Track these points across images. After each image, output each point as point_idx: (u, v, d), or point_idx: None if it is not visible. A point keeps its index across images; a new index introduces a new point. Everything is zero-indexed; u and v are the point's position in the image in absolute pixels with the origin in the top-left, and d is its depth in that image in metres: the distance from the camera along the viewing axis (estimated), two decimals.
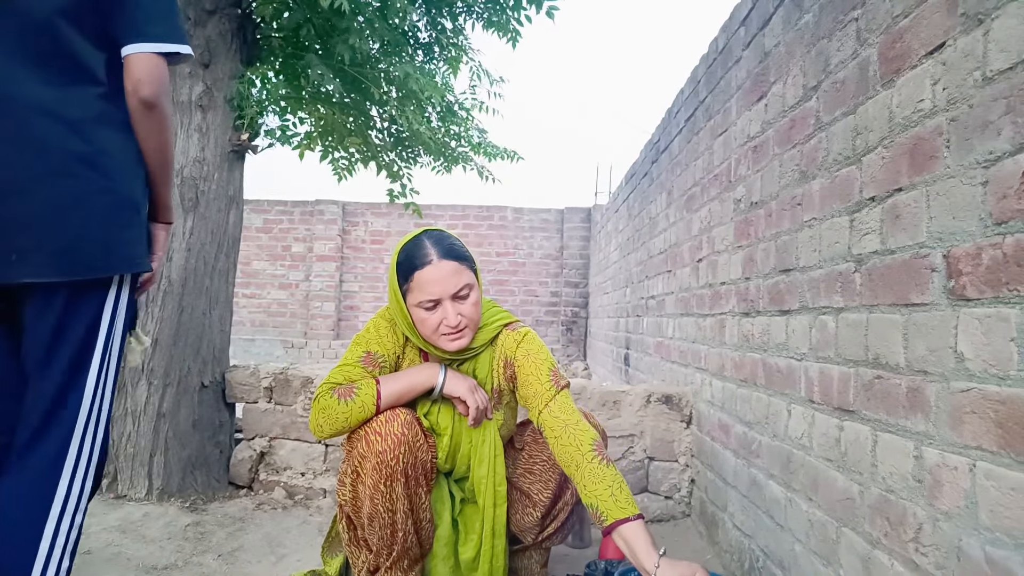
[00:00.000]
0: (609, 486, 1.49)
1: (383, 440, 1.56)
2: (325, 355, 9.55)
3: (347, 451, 1.66)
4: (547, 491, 1.78)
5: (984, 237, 0.98)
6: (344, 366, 1.70)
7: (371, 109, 3.40)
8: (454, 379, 1.68)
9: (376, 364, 1.71)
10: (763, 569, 1.82)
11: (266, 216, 9.97)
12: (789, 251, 1.74)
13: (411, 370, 1.71)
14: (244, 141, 2.89)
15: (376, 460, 1.55)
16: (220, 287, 2.85)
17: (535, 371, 1.70)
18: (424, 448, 1.63)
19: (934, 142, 1.12)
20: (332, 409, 1.61)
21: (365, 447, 1.57)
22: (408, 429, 1.58)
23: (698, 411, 2.60)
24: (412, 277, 1.63)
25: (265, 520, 2.52)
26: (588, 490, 1.51)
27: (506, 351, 1.77)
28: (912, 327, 1.16)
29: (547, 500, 1.78)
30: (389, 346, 1.75)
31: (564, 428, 1.60)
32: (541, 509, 1.79)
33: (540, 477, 1.80)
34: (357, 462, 1.59)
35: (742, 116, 2.19)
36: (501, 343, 1.78)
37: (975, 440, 0.99)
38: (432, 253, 1.63)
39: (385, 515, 1.58)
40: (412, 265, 1.64)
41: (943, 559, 1.05)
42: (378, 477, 1.55)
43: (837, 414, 1.43)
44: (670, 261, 3.31)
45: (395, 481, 1.56)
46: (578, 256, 9.51)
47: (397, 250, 1.70)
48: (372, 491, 1.56)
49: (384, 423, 1.58)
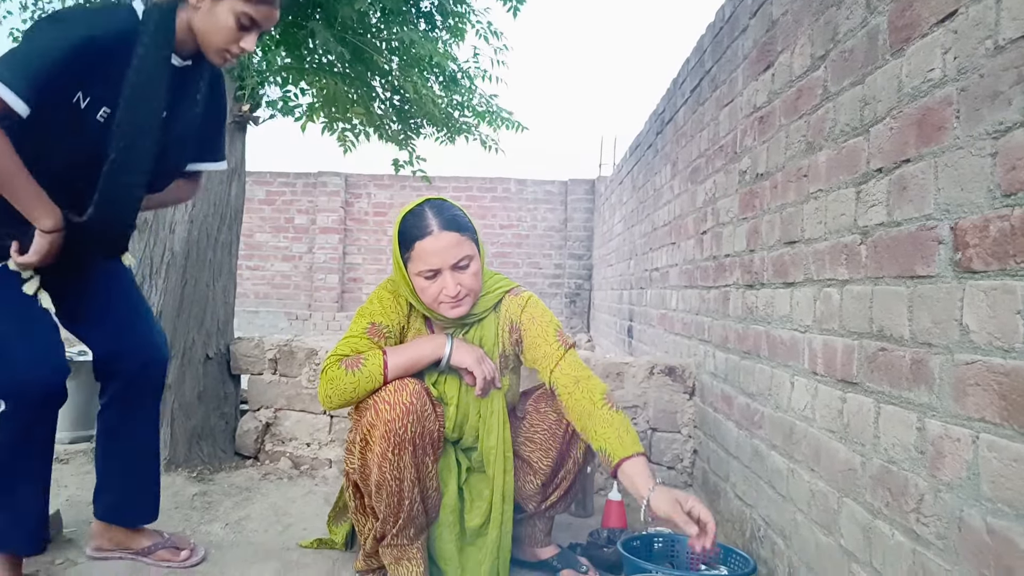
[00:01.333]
0: (616, 429, 1.57)
1: (392, 409, 1.57)
2: (329, 327, 9.59)
3: (356, 420, 1.67)
4: (547, 459, 1.80)
5: (992, 209, 0.98)
6: (350, 338, 1.71)
7: (373, 79, 3.36)
8: (461, 350, 1.69)
9: (381, 335, 1.72)
10: (764, 538, 1.85)
11: (269, 188, 9.95)
12: (794, 223, 1.73)
13: (418, 341, 1.72)
14: (245, 112, 2.87)
15: (385, 429, 1.57)
16: (223, 259, 2.85)
17: (542, 333, 1.75)
18: (432, 418, 1.65)
19: (943, 112, 1.10)
20: (340, 380, 1.62)
21: (374, 416, 1.59)
22: (417, 399, 1.60)
23: (701, 383, 2.61)
24: (413, 247, 1.65)
25: (271, 490, 2.56)
26: (598, 435, 1.58)
27: (511, 316, 1.80)
28: (917, 299, 1.16)
29: (547, 468, 1.80)
30: (393, 316, 1.76)
31: (576, 383, 1.66)
32: (542, 477, 1.81)
33: (541, 446, 1.82)
34: (366, 430, 1.61)
35: (748, 86, 2.16)
36: (505, 308, 1.81)
37: (978, 412, 0.99)
38: (433, 224, 1.65)
39: (392, 483, 1.60)
40: (413, 235, 1.66)
41: (944, 529, 1.06)
42: (386, 445, 1.57)
43: (840, 386, 1.43)
44: (674, 233, 3.30)
45: (403, 450, 1.58)
46: (582, 228, 9.48)
47: (399, 218, 1.71)
48: (380, 459, 1.58)
49: (393, 392, 1.59)
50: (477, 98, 3.79)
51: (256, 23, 1.57)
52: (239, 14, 1.54)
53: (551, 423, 1.81)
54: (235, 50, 1.59)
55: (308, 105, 3.40)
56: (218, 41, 1.57)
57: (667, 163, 3.62)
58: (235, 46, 1.58)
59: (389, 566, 1.70)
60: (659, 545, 1.89)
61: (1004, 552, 0.92)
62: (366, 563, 1.78)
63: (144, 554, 1.85)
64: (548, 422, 1.81)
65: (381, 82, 3.40)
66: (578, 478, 1.86)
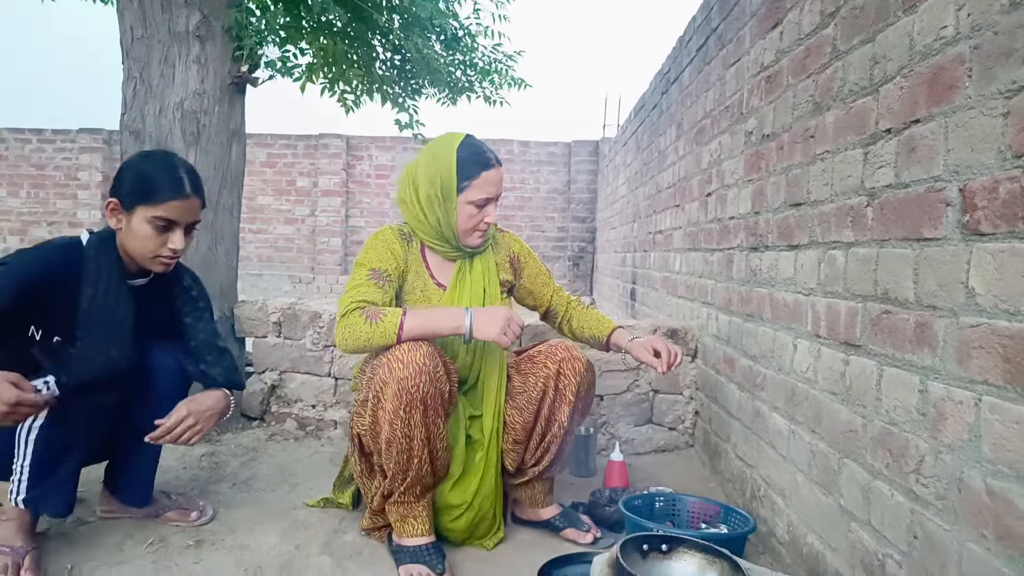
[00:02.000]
0: (595, 317, 2.10)
1: (405, 367, 1.60)
2: (333, 290, 9.60)
3: (368, 377, 1.69)
4: (521, 417, 1.85)
5: (1002, 170, 0.96)
6: (356, 287, 1.75)
7: (373, 38, 3.31)
8: (482, 322, 1.66)
9: (383, 279, 1.77)
10: (764, 497, 1.87)
11: (269, 150, 9.87)
12: (800, 185, 1.71)
13: (437, 310, 1.74)
14: (244, 73, 2.83)
15: (397, 387, 1.59)
16: (225, 222, 2.84)
17: (538, 267, 2.10)
18: (444, 379, 1.67)
19: (955, 71, 1.08)
20: (357, 327, 1.66)
21: (387, 373, 1.61)
22: (430, 360, 1.62)
23: (703, 345, 2.62)
24: (479, 175, 1.78)
25: (277, 451, 2.59)
26: (584, 327, 2.09)
27: (511, 248, 2.04)
28: (923, 262, 1.15)
29: (522, 426, 1.85)
30: (390, 262, 1.82)
31: (568, 301, 2.15)
32: (513, 434, 1.86)
33: (516, 405, 1.87)
34: (379, 387, 1.63)
35: (756, 45, 2.12)
36: (501, 242, 2.03)
37: (982, 375, 0.99)
38: (492, 157, 1.84)
39: (403, 440, 1.62)
40: (479, 163, 1.80)
41: (943, 489, 1.07)
42: (398, 403, 1.59)
43: (843, 348, 1.44)
44: (678, 195, 3.28)
45: (414, 408, 1.60)
46: (585, 190, 9.42)
47: (451, 146, 1.80)
48: (392, 416, 1.61)
49: (407, 351, 1.62)
50: (480, 53, 3.73)
51: (173, 221, 1.64)
52: (152, 219, 1.62)
53: (529, 385, 1.85)
54: (166, 253, 1.67)
55: (307, 65, 3.35)
56: (146, 251, 1.65)
57: (672, 124, 3.57)
58: (164, 249, 1.66)
59: (395, 523, 1.73)
60: (660, 504, 1.92)
61: (1004, 512, 0.93)
62: (372, 521, 1.81)
63: (153, 516, 1.88)
64: (528, 384, 1.86)
65: (381, 41, 3.35)
66: (567, 441, 1.88)
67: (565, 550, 1.78)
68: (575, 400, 1.82)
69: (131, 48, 2.68)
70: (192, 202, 1.68)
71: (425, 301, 1.86)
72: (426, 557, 1.65)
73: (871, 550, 1.28)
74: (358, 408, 1.75)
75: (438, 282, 1.88)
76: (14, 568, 1.53)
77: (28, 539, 1.61)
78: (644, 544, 1.31)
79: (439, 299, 1.86)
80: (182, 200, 1.65)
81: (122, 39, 2.71)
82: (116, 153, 9.36)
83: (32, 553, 1.58)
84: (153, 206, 1.62)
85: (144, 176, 1.65)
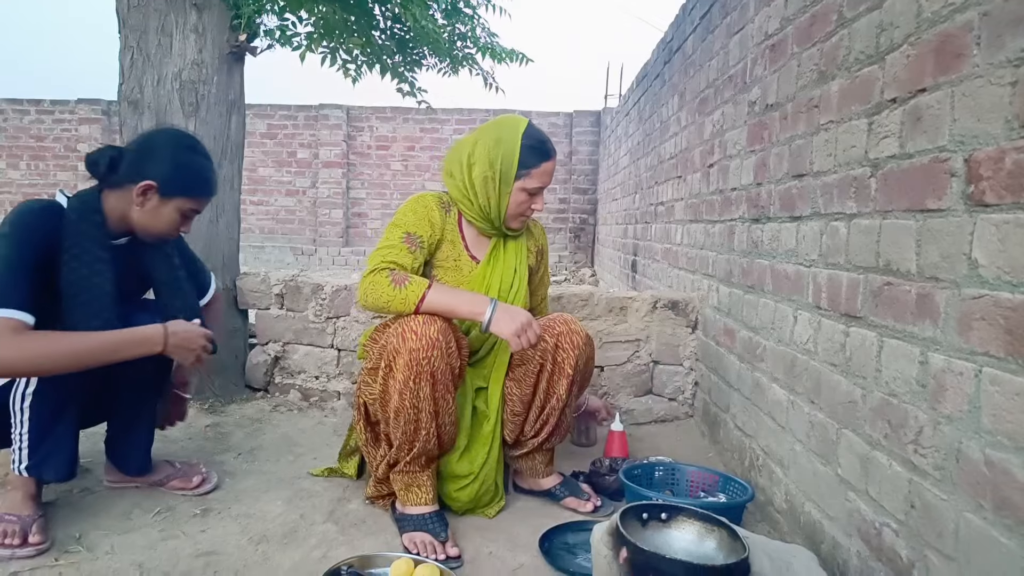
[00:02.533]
0: None
1: (418, 339, 1.61)
2: (335, 262, 9.61)
3: (380, 346, 1.71)
4: (518, 389, 1.88)
5: (1008, 140, 0.95)
6: (388, 247, 1.76)
7: (374, 8, 3.26)
8: (501, 320, 1.67)
9: (416, 244, 1.78)
10: (763, 467, 1.89)
11: (269, 121, 9.80)
12: (803, 155, 1.70)
13: (462, 292, 1.74)
14: (242, 42, 2.79)
15: (409, 357, 1.60)
16: (225, 194, 2.83)
17: (547, 268, 2.14)
18: (456, 355, 1.68)
19: (963, 39, 1.06)
20: (382, 287, 1.68)
21: (399, 343, 1.62)
22: (443, 335, 1.63)
23: (704, 316, 2.62)
24: (540, 165, 1.83)
25: (282, 421, 2.61)
26: None
27: (539, 241, 2.09)
28: (926, 233, 1.14)
29: (517, 397, 1.88)
30: (427, 229, 1.82)
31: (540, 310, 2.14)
32: (512, 406, 1.89)
33: (515, 377, 1.89)
34: (391, 356, 1.64)
35: (760, 12, 2.09)
36: (535, 231, 2.09)
37: (983, 346, 0.99)
38: (551, 148, 1.87)
39: (411, 411, 1.64)
40: (542, 152, 1.83)
41: (942, 460, 1.08)
42: (408, 373, 1.61)
43: (844, 320, 1.44)
44: (680, 166, 3.26)
45: (424, 380, 1.62)
46: (587, 161, 9.36)
47: (516, 131, 1.83)
48: (402, 386, 1.62)
49: (422, 324, 1.63)
50: (480, 29, 3.67)
51: (197, 212, 1.76)
52: (185, 210, 1.72)
53: (527, 358, 1.86)
54: (175, 235, 1.78)
55: (307, 35, 3.31)
56: (161, 229, 1.73)
57: (674, 94, 3.53)
58: (175, 232, 1.77)
59: (399, 491, 1.75)
60: (660, 473, 1.94)
61: (1002, 483, 0.94)
62: (376, 489, 1.83)
63: (159, 484, 1.91)
64: (524, 357, 1.86)
65: (381, 9, 3.29)
66: (566, 414, 1.89)
67: (566, 518, 1.80)
68: (573, 374, 1.83)
69: (128, 16, 2.64)
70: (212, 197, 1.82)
71: (456, 272, 1.87)
72: (430, 525, 1.67)
73: (868, 519, 1.29)
74: (365, 376, 1.76)
75: (472, 255, 1.90)
76: (21, 534, 1.55)
77: (35, 507, 1.63)
78: (644, 513, 1.33)
79: (471, 271, 1.88)
80: (212, 197, 1.81)
81: (118, 7, 2.68)
82: (115, 124, 9.30)
83: (39, 520, 1.60)
84: (193, 200, 1.73)
85: (190, 170, 1.73)
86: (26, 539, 1.55)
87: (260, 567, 1.54)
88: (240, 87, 2.88)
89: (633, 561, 1.16)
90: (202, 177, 1.75)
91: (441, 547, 1.60)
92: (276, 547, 1.63)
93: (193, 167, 1.73)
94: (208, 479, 1.94)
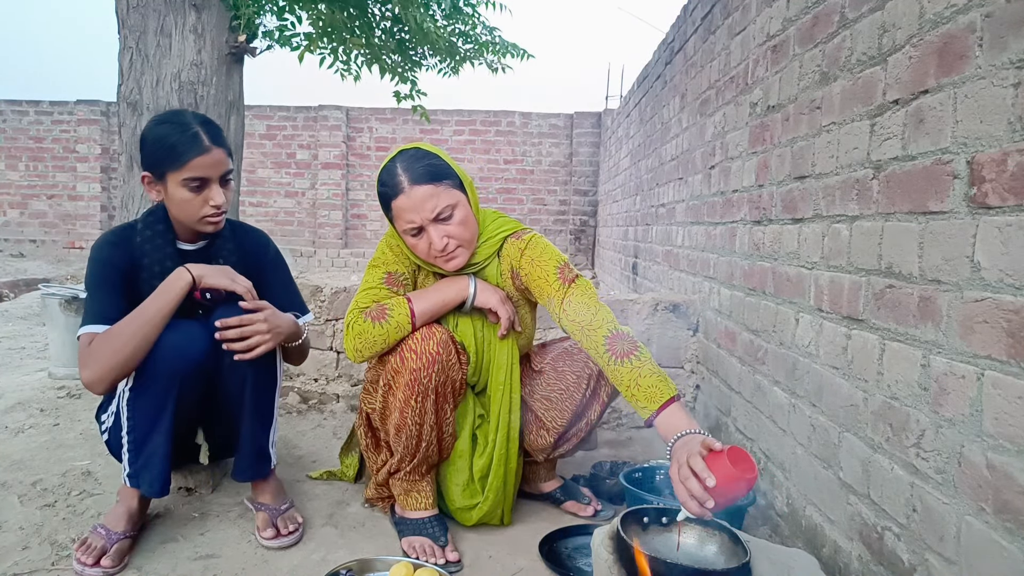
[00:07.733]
0: (627, 388, 1.49)
1: (418, 358, 1.59)
2: (334, 264, 9.59)
3: (380, 361, 1.69)
4: (562, 419, 1.79)
5: (1011, 142, 0.95)
6: (369, 290, 1.70)
7: (373, 8, 3.26)
8: (485, 291, 1.70)
9: (399, 283, 1.72)
10: (764, 471, 1.88)
11: (269, 122, 9.79)
12: (805, 157, 1.69)
13: (441, 284, 1.71)
14: (242, 43, 2.79)
15: (410, 377, 1.59)
16: None
17: (542, 274, 1.68)
18: (456, 367, 1.67)
19: (966, 40, 1.06)
20: (368, 333, 1.62)
21: (399, 363, 1.61)
22: (443, 348, 1.61)
23: (705, 319, 2.61)
24: (391, 207, 1.63)
25: (280, 424, 2.59)
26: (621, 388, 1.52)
27: (511, 261, 1.74)
28: (928, 236, 1.14)
29: (561, 427, 1.80)
30: (405, 263, 1.75)
31: (582, 331, 1.58)
32: (554, 435, 1.81)
33: (556, 405, 1.79)
34: (391, 376, 1.63)
35: (762, 13, 2.08)
36: (506, 253, 1.75)
37: (985, 349, 0.99)
38: (403, 180, 1.59)
39: (413, 427, 1.63)
40: (387, 195, 1.63)
41: (944, 463, 1.07)
42: (410, 393, 1.60)
43: (846, 323, 1.43)
44: (682, 168, 3.25)
45: (426, 398, 1.61)
46: (588, 163, 9.35)
47: (377, 177, 1.67)
48: (403, 405, 1.62)
49: (420, 341, 1.60)
50: (481, 27, 3.67)
51: (205, 179, 1.60)
52: (184, 182, 1.58)
53: (569, 384, 1.79)
54: (209, 212, 1.63)
55: (306, 35, 3.31)
56: (191, 214, 1.63)
57: (675, 95, 3.53)
58: (207, 208, 1.62)
59: (399, 496, 1.74)
60: (660, 477, 1.93)
61: (1003, 486, 0.93)
62: (376, 491, 1.82)
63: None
64: (566, 383, 1.79)
65: (381, 10, 3.29)
66: (589, 435, 1.88)
67: (566, 522, 1.79)
68: (608, 401, 1.81)
69: (127, 17, 2.64)
70: (216, 153, 1.60)
71: None
72: (429, 529, 1.66)
73: (870, 523, 1.29)
74: (368, 386, 1.75)
75: None
76: (99, 553, 1.50)
77: (130, 526, 1.58)
78: (644, 517, 1.32)
79: None
80: (205, 155, 1.58)
81: (117, 7, 2.68)
82: (114, 125, 9.30)
83: (121, 542, 1.54)
84: (180, 169, 1.57)
85: (161, 141, 1.58)
86: (99, 560, 1.49)
87: (259, 570, 1.53)
88: (239, 88, 2.88)
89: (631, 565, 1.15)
90: (170, 142, 1.57)
91: (441, 551, 1.60)
92: (275, 550, 1.62)
93: (161, 137, 1.59)
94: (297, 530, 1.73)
